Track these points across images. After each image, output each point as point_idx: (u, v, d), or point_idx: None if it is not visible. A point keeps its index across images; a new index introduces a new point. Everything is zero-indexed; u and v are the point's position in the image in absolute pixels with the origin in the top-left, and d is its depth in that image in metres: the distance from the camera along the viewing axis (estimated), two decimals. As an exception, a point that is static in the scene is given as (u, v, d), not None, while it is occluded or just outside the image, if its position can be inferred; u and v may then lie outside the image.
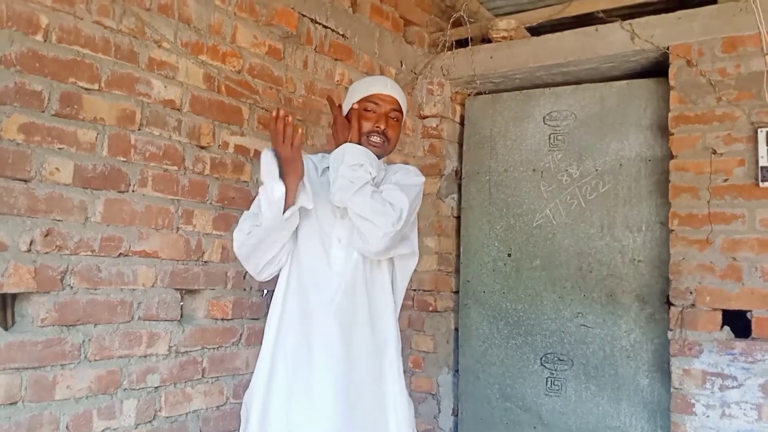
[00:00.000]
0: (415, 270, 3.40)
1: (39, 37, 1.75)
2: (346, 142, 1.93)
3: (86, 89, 1.87)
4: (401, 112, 2.01)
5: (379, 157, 1.98)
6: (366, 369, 1.92)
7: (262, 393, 1.89)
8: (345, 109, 2.03)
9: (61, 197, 1.80)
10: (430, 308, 3.42)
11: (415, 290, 3.43)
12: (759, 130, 2.58)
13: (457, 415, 3.42)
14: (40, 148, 1.75)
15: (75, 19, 1.84)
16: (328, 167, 1.99)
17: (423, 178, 2.05)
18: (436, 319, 3.42)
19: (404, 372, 3.25)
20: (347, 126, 1.97)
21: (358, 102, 1.97)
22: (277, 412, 1.87)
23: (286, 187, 1.75)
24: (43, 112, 1.76)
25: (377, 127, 1.95)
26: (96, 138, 1.89)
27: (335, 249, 1.93)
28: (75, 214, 1.84)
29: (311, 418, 1.83)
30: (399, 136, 2.04)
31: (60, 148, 1.80)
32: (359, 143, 1.93)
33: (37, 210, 1.74)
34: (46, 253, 1.76)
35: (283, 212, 1.77)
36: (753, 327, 2.55)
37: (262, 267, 1.90)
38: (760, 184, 2.56)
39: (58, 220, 1.79)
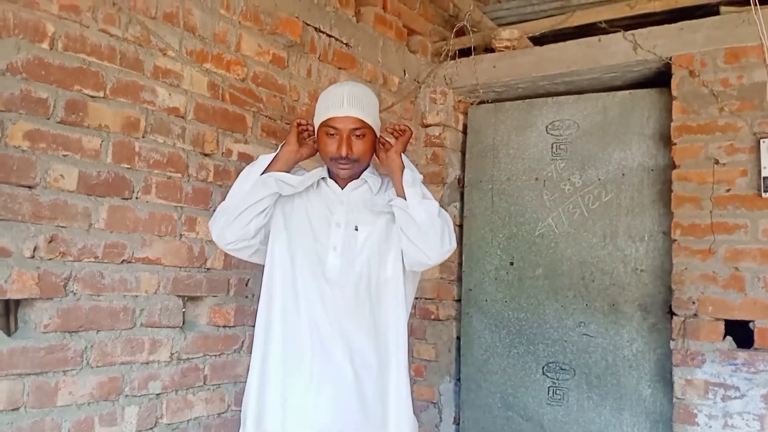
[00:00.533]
0: (417, 278, 3.40)
1: (45, 45, 1.77)
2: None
3: (91, 97, 1.88)
4: (367, 127, 1.91)
5: (359, 172, 2.00)
6: (368, 382, 1.90)
7: (255, 395, 1.89)
8: (315, 126, 1.98)
9: (65, 204, 1.81)
10: (432, 317, 3.42)
11: (417, 299, 3.42)
12: (761, 140, 2.58)
13: (458, 424, 3.41)
14: (44, 154, 1.76)
15: (81, 27, 1.85)
16: (323, 178, 2.00)
17: None
18: (438, 327, 3.42)
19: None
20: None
21: (319, 127, 1.94)
22: (272, 420, 1.87)
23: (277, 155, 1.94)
24: (48, 119, 1.77)
25: (339, 153, 1.88)
26: (101, 145, 1.90)
27: (331, 258, 1.93)
28: (79, 221, 1.84)
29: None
30: (372, 146, 1.96)
31: (65, 155, 1.81)
32: (330, 167, 1.96)
33: (41, 216, 1.75)
34: (50, 259, 1.77)
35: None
36: (755, 337, 2.55)
37: (225, 226, 1.91)
38: (763, 194, 2.56)
39: (62, 227, 1.80)
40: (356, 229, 1.96)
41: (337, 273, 1.91)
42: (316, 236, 1.94)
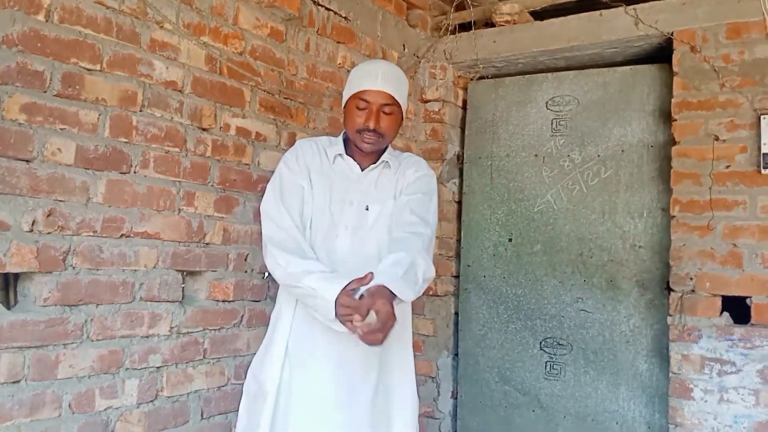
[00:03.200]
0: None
1: (41, 17, 1.75)
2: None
3: (88, 70, 1.87)
4: (396, 105, 1.95)
5: (381, 150, 2.00)
6: (371, 359, 1.91)
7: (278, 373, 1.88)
8: (345, 98, 2.00)
9: (63, 178, 1.80)
10: (431, 292, 3.44)
11: (415, 274, 3.43)
12: (762, 116, 2.57)
13: (456, 398, 3.44)
14: (42, 128, 1.75)
15: (77, -1, 1.84)
16: (340, 154, 2.00)
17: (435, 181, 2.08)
18: (437, 303, 3.43)
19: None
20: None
21: (350, 98, 1.95)
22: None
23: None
24: (45, 92, 1.76)
25: (367, 125, 1.90)
26: (98, 119, 1.89)
27: (341, 237, 1.93)
28: (77, 195, 1.84)
29: (311, 408, 1.84)
30: (398, 125, 2.00)
31: (62, 129, 1.80)
32: (353, 139, 1.95)
33: (39, 190, 1.75)
34: (49, 233, 1.77)
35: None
36: (752, 313, 2.56)
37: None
38: (762, 170, 2.55)
39: (60, 201, 1.80)
40: (366, 209, 1.96)
41: (346, 251, 1.92)
42: (331, 215, 1.95)
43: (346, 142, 2.04)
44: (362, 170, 2.00)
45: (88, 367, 1.87)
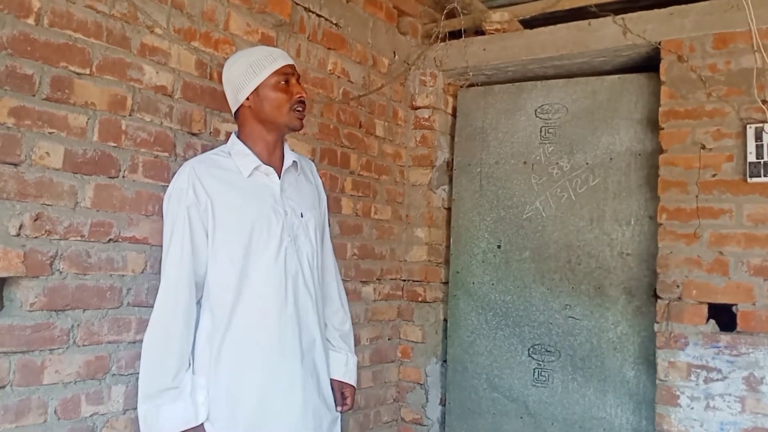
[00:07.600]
0: (405, 260, 3.44)
1: (31, 21, 1.74)
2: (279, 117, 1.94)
3: (77, 74, 1.86)
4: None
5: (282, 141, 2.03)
6: (319, 364, 2.01)
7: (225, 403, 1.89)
8: (249, 89, 1.93)
9: (51, 182, 1.79)
10: (420, 299, 3.44)
11: (404, 281, 3.44)
12: (748, 126, 2.60)
13: (444, 405, 3.44)
14: (30, 132, 1.74)
15: (67, 3, 1.83)
16: (258, 167, 1.93)
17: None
18: (425, 309, 3.44)
19: (392, 361, 3.30)
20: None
21: (266, 80, 1.91)
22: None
23: None
24: (33, 96, 1.75)
25: (301, 95, 1.93)
26: (87, 123, 1.88)
27: (284, 248, 1.90)
28: (65, 199, 1.83)
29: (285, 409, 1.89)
30: None
31: (50, 133, 1.79)
32: (283, 122, 1.94)
33: (26, 194, 1.73)
34: (36, 237, 1.76)
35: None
36: (738, 321, 2.58)
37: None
38: (748, 179, 2.58)
39: (48, 205, 1.79)
40: (302, 216, 1.97)
41: (295, 262, 1.92)
42: (269, 230, 1.89)
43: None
44: (275, 170, 1.95)
45: (75, 373, 1.85)
